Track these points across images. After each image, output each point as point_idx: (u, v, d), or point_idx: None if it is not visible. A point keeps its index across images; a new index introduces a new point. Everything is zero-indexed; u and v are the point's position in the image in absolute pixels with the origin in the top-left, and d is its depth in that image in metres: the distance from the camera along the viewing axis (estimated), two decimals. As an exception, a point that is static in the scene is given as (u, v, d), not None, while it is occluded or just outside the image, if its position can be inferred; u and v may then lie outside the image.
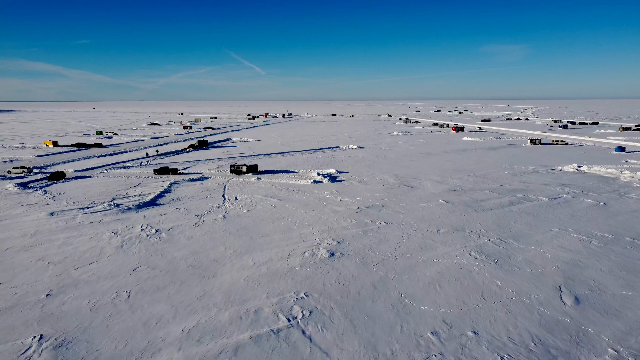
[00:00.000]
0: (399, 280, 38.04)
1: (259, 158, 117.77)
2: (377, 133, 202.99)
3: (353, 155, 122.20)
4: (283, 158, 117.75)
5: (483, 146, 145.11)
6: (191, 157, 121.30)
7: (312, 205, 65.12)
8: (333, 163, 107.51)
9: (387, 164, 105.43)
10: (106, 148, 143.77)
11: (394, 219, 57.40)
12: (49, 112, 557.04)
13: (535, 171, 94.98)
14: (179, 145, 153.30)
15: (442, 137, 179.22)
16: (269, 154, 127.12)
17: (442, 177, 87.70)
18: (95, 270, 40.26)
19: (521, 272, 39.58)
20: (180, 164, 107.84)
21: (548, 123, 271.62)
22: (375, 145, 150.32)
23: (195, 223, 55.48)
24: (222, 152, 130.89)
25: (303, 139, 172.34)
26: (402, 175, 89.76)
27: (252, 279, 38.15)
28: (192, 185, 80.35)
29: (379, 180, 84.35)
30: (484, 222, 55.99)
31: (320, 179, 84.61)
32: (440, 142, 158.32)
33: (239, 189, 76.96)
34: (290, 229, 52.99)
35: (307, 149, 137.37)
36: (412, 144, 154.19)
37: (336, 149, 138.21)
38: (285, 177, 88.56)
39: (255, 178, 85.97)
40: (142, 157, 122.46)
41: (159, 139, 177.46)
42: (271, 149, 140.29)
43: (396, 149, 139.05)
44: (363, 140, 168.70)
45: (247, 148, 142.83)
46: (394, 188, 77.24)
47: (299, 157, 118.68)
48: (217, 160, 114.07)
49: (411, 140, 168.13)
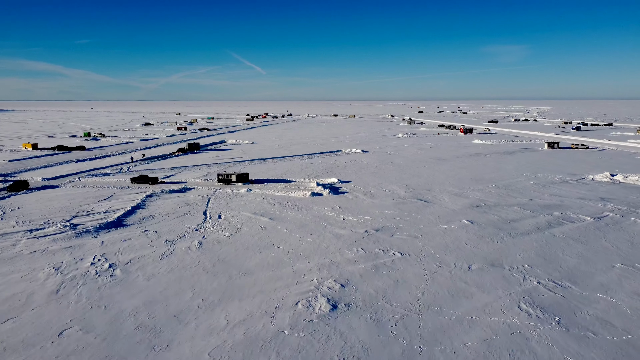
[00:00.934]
0: (430, 356, 26.82)
1: (252, 164, 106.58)
2: (380, 135, 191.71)
3: (356, 161, 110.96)
4: (279, 164, 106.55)
5: (497, 150, 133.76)
6: (179, 162, 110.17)
7: (310, 226, 53.95)
8: (334, 170, 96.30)
9: (395, 172, 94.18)
10: (89, 151, 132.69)
11: (411, 247, 46.18)
12: (45, 112, 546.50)
13: (564, 181, 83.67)
14: (169, 148, 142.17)
15: (451, 140, 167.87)
16: (265, 158, 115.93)
17: (459, 189, 76.41)
18: (6, 335, 29.09)
19: (600, 341, 28.35)
20: (165, 170, 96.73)
21: (559, 125, 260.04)
22: (380, 149, 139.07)
23: (163, 253, 44.29)
24: (213, 157, 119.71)
25: (302, 142, 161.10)
26: (414, 186, 78.51)
27: (220, 355, 26.92)
28: (171, 198, 69.15)
29: (388, 193, 73.09)
30: (524, 252, 44.75)
31: (320, 191, 73.37)
32: (449, 146, 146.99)
33: (225, 203, 65.76)
34: (281, 263, 41.81)
35: (306, 153, 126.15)
36: (420, 147, 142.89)
37: (338, 153, 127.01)
38: (279, 187, 77.34)
39: (246, 189, 74.70)
40: (125, 161, 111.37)
41: (148, 141, 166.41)
42: (267, 153, 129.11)
43: (403, 153, 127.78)
44: (366, 143, 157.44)
45: (242, 152, 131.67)
46: (406, 203, 66.00)
47: (296, 163, 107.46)
48: (207, 166, 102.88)
49: (418, 143, 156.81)
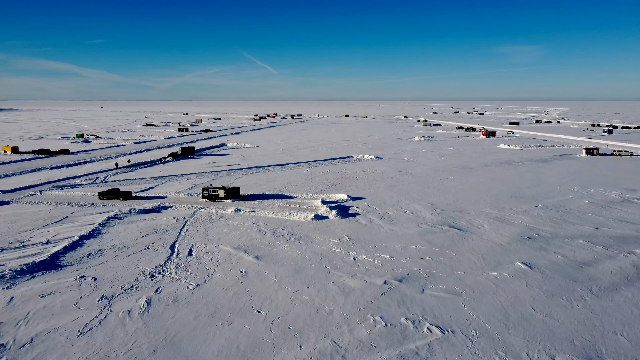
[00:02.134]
0: None
1: (250, 173, 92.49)
2: (395, 138, 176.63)
3: (370, 169, 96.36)
4: (280, 173, 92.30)
5: (529, 157, 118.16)
6: (166, 170, 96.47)
7: (308, 271, 39.56)
8: (344, 182, 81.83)
9: (416, 185, 79.45)
10: (72, 156, 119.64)
11: (453, 316, 31.56)
12: (52, 111, 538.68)
13: (625, 199, 68.29)
14: (163, 152, 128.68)
15: (474, 144, 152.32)
16: (265, 166, 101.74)
17: (499, 210, 61.49)
18: None
19: None
20: (146, 181, 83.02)
21: (587, 127, 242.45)
22: (396, 154, 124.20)
23: (87, 324, 30.18)
24: (207, 164, 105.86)
25: (310, 146, 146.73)
26: (441, 205, 63.75)
27: None
28: (137, 221, 55.20)
29: (410, 215, 58.43)
30: (626, 329, 29.88)
31: (325, 212, 58.95)
32: (474, 151, 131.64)
33: (204, 230, 51.64)
34: (258, 348, 27.46)
35: (312, 160, 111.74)
36: (441, 152, 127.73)
37: (348, 160, 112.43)
38: (276, 206, 63.08)
39: (234, 209, 60.40)
40: (108, 168, 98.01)
41: (143, 144, 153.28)
42: (269, 159, 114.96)
43: (422, 160, 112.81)
44: (380, 147, 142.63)
45: (241, 157, 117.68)
46: (435, 231, 51.33)
47: (301, 172, 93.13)
48: (196, 175, 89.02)
49: (437, 147, 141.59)
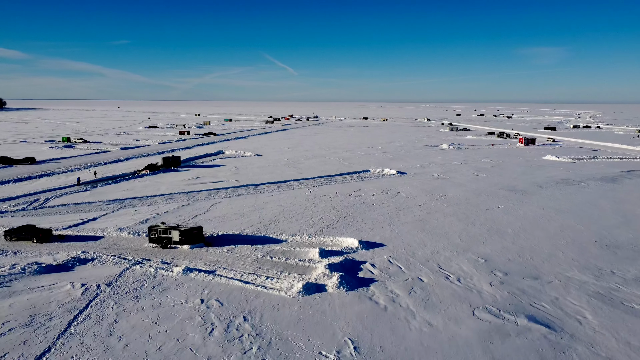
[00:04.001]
0: None
1: (236, 194, 71.63)
2: (420, 145, 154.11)
3: (391, 191, 74.69)
4: (276, 196, 71.24)
5: (590, 173, 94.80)
6: (133, 188, 76.38)
7: None
8: (356, 213, 60.38)
9: (455, 219, 57.55)
10: (35, 166, 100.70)
11: None
12: (64, 111, 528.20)
13: None
14: (148, 161, 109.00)
15: (513, 155, 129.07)
16: (259, 184, 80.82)
17: (594, 274, 39.36)
18: None
19: None
20: (95, 208, 62.94)
21: (637, 135, 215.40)
22: (423, 168, 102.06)
23: None
24: (188, 179, 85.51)
25: (320, 154, 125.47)
26: (502, 263, 41.89)
27: None
28: (21, 292, 34.75)
29: (457, 287, 36.74)
30: None
31: (322, 276, 37.83)
32: (516, 164, 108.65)
33: (111, 320, 30.85)
34: None
35: (320, 175, 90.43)
36: (477, 166, 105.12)
37: (364, 176, 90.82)
38: (251, 260, 42.09)
39: (182, 269, 39.38)
40: (64, 185, 78.51)
41: (131, 150, 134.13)
42: (267, 173, 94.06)
43: (457, 176, 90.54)
44: (403, 157, 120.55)
45: (233, 171, 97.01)
46: (508, 332, 29.64)
47: (301, 195, 71.92)
48: (165, 199, 68.59)
49: (472, 158, 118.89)
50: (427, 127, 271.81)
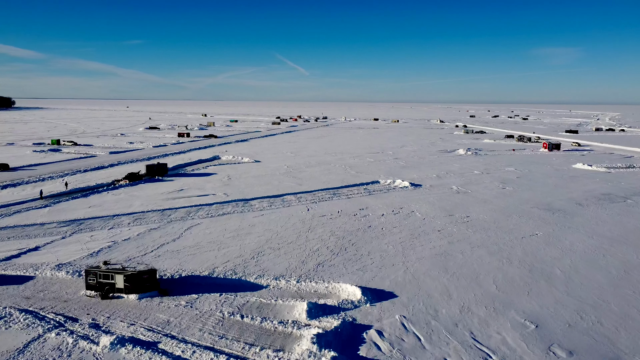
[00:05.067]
0: None
1: (219, 214, 60.41)
2: (434, 150, 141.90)
3: (404, 210, 63.01)
4: (265, 217, 59.92)
5: (634, 187, 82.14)
6: (102, 204, 65.51)
7: None
8: (361, 242, 48.82)
9: (485, 252, 45.72)
10: (7, 173, 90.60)
11: None
12: (71, 110, 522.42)
13: None
14: (137, 167, 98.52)
15: (539, 162, 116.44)
16: (249, 199, 69.54)
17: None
18: None
19: None
20: (50, 229, 52.10)
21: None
22: (439, 178, 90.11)
23: None
24: (169, 192, 74.54)
25: (325, 161, 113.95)
26: (567, 338, 30.12)
27: None
28: None
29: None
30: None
31: (307, 356, 26.21)
32: (545, 175, 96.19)
33: None
34: None
35: (321, 188, 78.95)
36: (501, 176, 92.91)
37: (373, 188, 79.14)
38: (213, 321, 30.78)
39: (112, 339, 28.04)
40: (23, 199, 67.98)
41: (120, 155, 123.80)
42: (262, 184, 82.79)
43: (479, 189, 78.53)
44: (417, 165, 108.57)
45: (225, 181, 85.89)
46: None
47: (297, 215, 60.50)
48: (134, 219, 57.59)
49: (493, 166, 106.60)
50: (441, 129, 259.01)
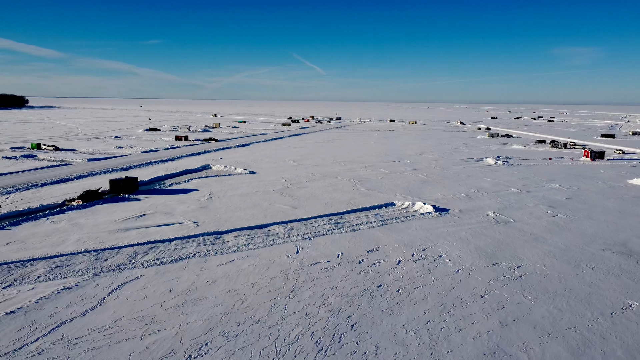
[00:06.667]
0: None
1: (172, 259, 43.93)
2: (458, 159, 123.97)
3: (428, 255, 45.99)
4: (233, 265, 43.32)
5: None
6: (30, 237, 49.65)
7: None
8: (363, 328, 31.94)
9: (565, 351, 28.54)
10: (-53, 188, 75.61)
11: None
12: (80, 110, 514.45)
13: None
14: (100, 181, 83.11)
15: (586, 176, 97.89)
16: (223, 232, 53.05)
17: None
18: None
19: None
20: None
21: None
22: (470, 199, 72.58)
23: None
24: (128, 219, 58.45)
25: (331, 173, 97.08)
26: None
27: None
28: None
29: None
30: None
31: None
32: (600, 194, 77.90)
33: None
34: None
35: (321, 214, 62.08)
36: (545, 196, 75.01)
37: (386, 216, 62.03)
38: None
39: None
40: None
41: (99, 162, 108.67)
42: (248, 207, 66.27)
43: (524, 218, 60.90)
44: (440, 179, 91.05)
45: (203, 201, 69.54)
46: None
47: (279, 263, 43.82)
48: (54, 267, 41.51)
49: (531, 181, 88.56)
50: (462, 132, 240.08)
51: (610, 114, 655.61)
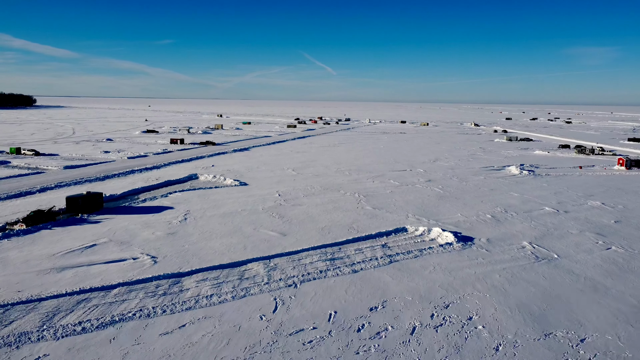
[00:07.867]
0: None
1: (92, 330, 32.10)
2: (477, 167, 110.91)
3: (453, 315, 33.64)
4: (172, 338, 31.29)
5: None
6: None
7: None
8: None
9: None
10: None
11: None
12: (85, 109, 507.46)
13: None
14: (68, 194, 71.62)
15: (628, 190, 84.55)
16: (184, 274, 41.07)
17: None
18: None
19: None
20: None
21: None
22: (497, 222, 59.87)
23: None
24: (73, 250, 46.72)
25: (333, 186, 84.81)
26: None
27: None
28: None
29: None
30: None
31: None
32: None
33: None
34: None
35: (314, 246, 49.80)
36: (589, 220, 62.07)
37: (395, 248, 49.61)
38: None
39: None
40: None
41: (75, 171, 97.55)
42: (227, 232, 54.22)
43: (570, 254, 48.23)
44: (459, 193, 78.34)
45: (174, 225, 57.59)
46: None
47: (245, 333, 31.68)
48: None
49: (568, 198, 75.55)
50: (478, 134, 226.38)
51: (629, 115, 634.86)
